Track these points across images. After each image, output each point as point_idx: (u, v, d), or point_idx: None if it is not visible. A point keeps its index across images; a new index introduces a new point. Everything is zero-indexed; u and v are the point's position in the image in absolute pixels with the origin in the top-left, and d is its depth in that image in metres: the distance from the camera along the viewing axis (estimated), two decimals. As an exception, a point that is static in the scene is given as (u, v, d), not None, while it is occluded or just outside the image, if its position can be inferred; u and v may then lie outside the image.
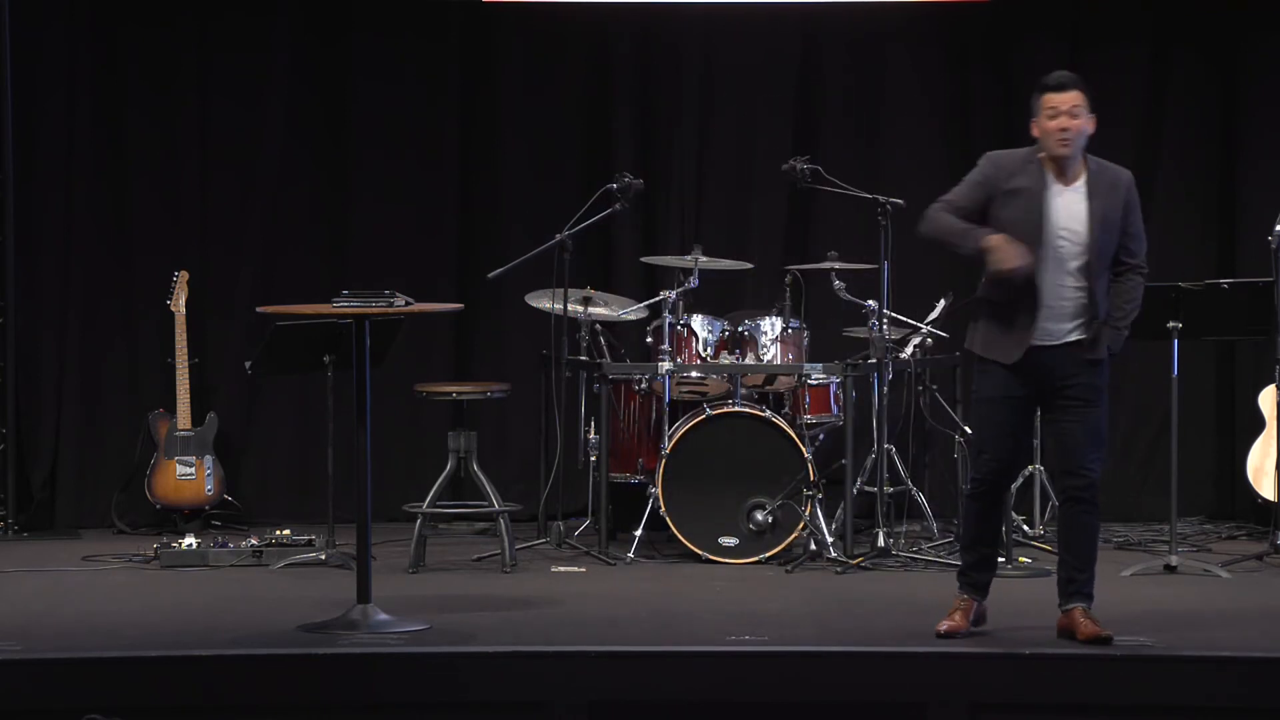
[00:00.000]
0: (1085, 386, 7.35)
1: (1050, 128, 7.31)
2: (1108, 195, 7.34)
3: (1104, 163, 7.44)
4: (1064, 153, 7.30)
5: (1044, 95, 7.33)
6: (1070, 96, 7.31)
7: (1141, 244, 7.40)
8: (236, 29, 10.87)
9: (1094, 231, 7.28)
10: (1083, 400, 7.36)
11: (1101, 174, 7.38)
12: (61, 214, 10.78)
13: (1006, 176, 7.39)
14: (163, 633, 7.69)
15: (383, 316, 7.77)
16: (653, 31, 11.02)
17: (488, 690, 7.12)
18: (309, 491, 10.47)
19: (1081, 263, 7.29)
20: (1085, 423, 7.37)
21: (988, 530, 7.65)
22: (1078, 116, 7.31)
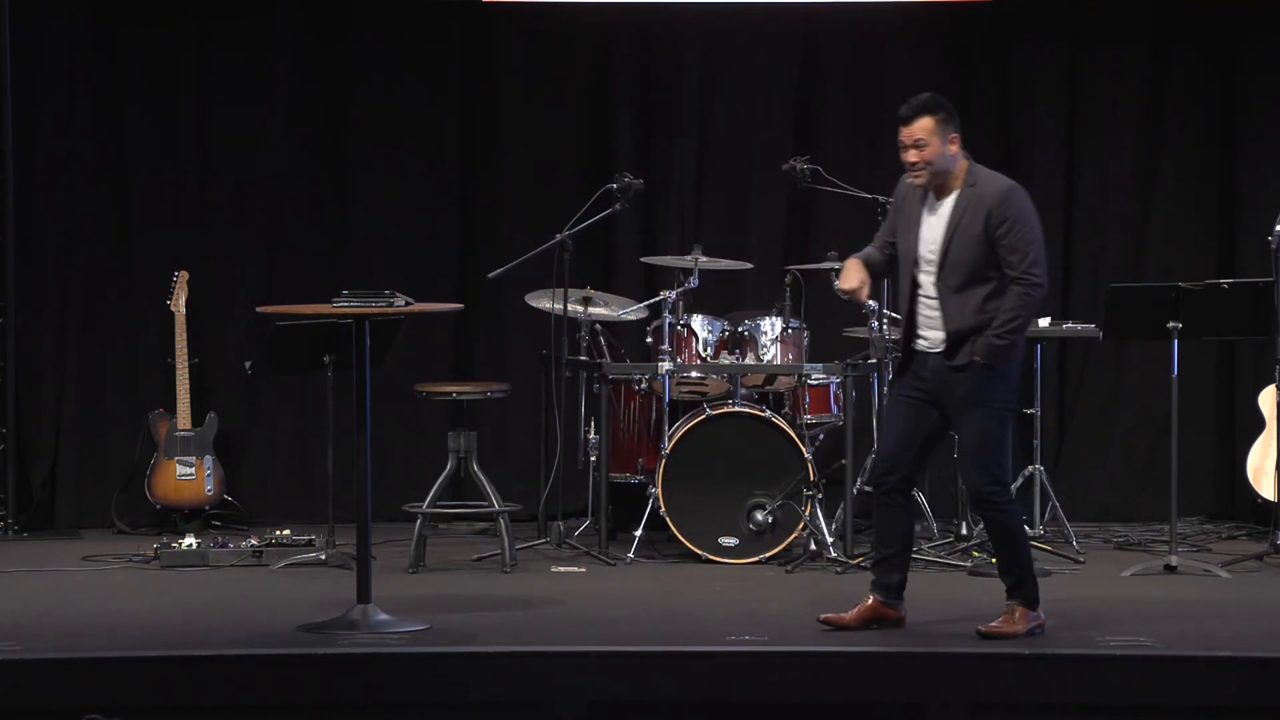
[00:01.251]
0: (959, 398, 7.48)
1: (902, 158, 7.53)
2: (972, 211, 7.44)
3: (987, 177, 7.54)
4: (919, 182, 7.51)
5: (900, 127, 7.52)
6: (913, 129, 7.50)
7: (1021, 256, 7.39)
8: (236, 29, 10.87)
9: (945, 248, 7.43)
10: (955, 408, 7.51)
11: (976, 190, 7.48)
12: (61, 214, 10.78)
13: (904, 200, 7.63)
14: (163, 633, 7.69)
15: (383, 316, 7.77)
16: (653, 31, 11.02)
17: (488, 690, 7.12)
18: (309, 491, 10.47)
19: (944, 278, 7.46)
20: (960, 432, 7.58)
21: (884, 531, 7.71)
22: (923, 148, 7.46)
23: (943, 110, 7.54)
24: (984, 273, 7.43)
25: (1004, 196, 7.45)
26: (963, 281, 7.44)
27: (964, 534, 9.72)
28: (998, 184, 7.50)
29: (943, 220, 7.48)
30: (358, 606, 7.66)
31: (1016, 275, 7.40)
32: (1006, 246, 7.41)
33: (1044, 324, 10.06)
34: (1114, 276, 10.56)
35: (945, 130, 7.49)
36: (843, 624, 7.60)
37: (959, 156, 7.53)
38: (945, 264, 7.45)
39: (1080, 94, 10.99)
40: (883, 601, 7.65)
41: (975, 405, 7.46)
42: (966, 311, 7.43)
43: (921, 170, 7.47)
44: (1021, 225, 7.43)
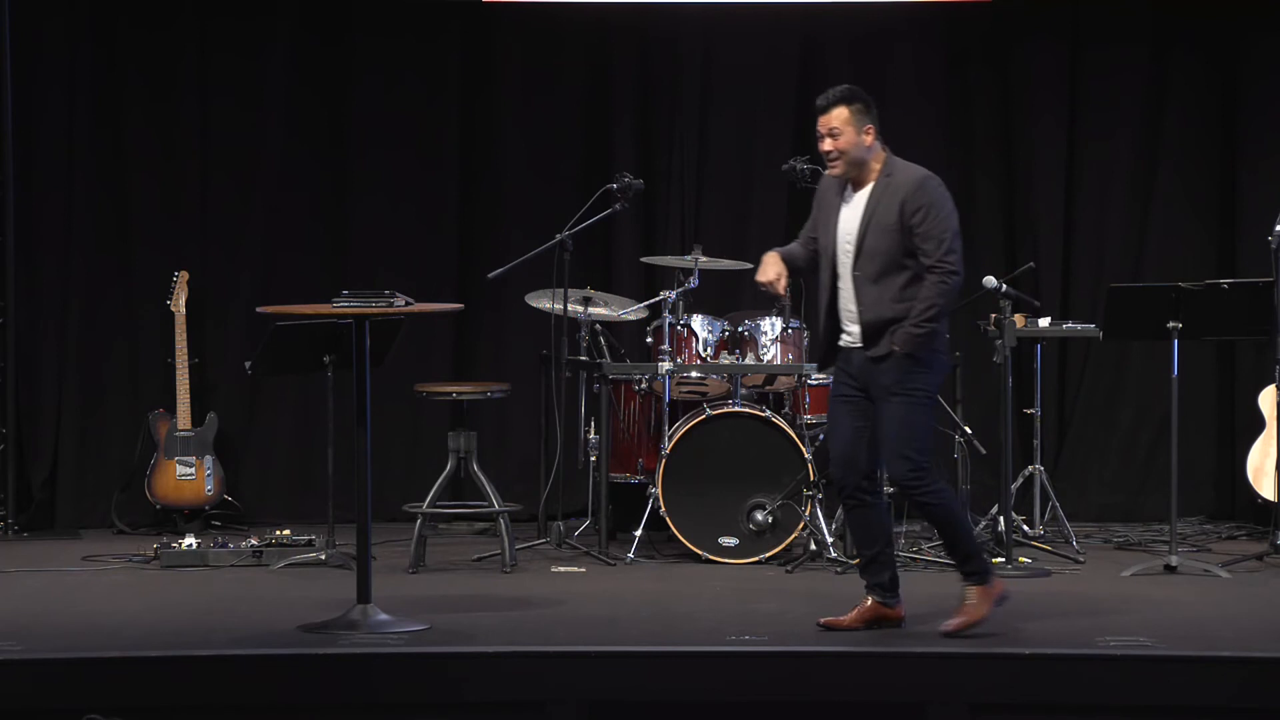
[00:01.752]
0: (881, 386, 7.51)
1: (819, 148, 7.59)
2: (887, 201, 7.48)
3: (902, 167, 7.58)
4: (834, 172, 7.57)
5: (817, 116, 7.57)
6: (830, 117, 7.57)
7: (936, 244, 7.43)
8: (236, 29, 10.88)
9: (861, 238, 7.48)
10: (878, 399, 7.54)
11: (891, 179, 7.52)
12: (61, 214, 10.78)
13: (823, 194, 7.68)
14: (163, 633, 7.69)
15: (383, 316, 7.77)
16: (652, 31, 11.02)
17: (487, 690, 7.12)
18: (309, 491, 10.47)
19: (861, 268, 7.49)
20: (882, 421, 7.55)
21: (859, 533, 7.76)
22: (838, 136, 7.53)
23: (859, 101, 7.58)
24: (900, 261, 7.45)
25: (918, 185, 7.48)
26: (879, 271, 7.46)
27: (964, 534, 9.71)
28: (912, 173, 7.54)
29: (858, 210, 7.53)
30: (358, 606, 7.66)
31: (932, 264, 7.42)
32: (921, 235, 7.43)
33: (1044, 324, 10.07)
34: (1114, 276, 10.57)
35: (861, 121, 7.53)
36: (842, 626, 7.61)
37: (875, 147, 7.56)
38: (861, 253, 7.48)
39: (1080, 94, 10.99)
40: (880, 601, 7.66)
41: (896, 395, 7.47)
42: (884, 301, 7.45)
43: (837, 160, 7.53)
44: (936, 213, 7.45)
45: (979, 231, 11.05)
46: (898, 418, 7.50)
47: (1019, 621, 7.91)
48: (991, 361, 9.36)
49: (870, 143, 7.55)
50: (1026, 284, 10.20)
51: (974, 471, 9.96)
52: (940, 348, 7.57)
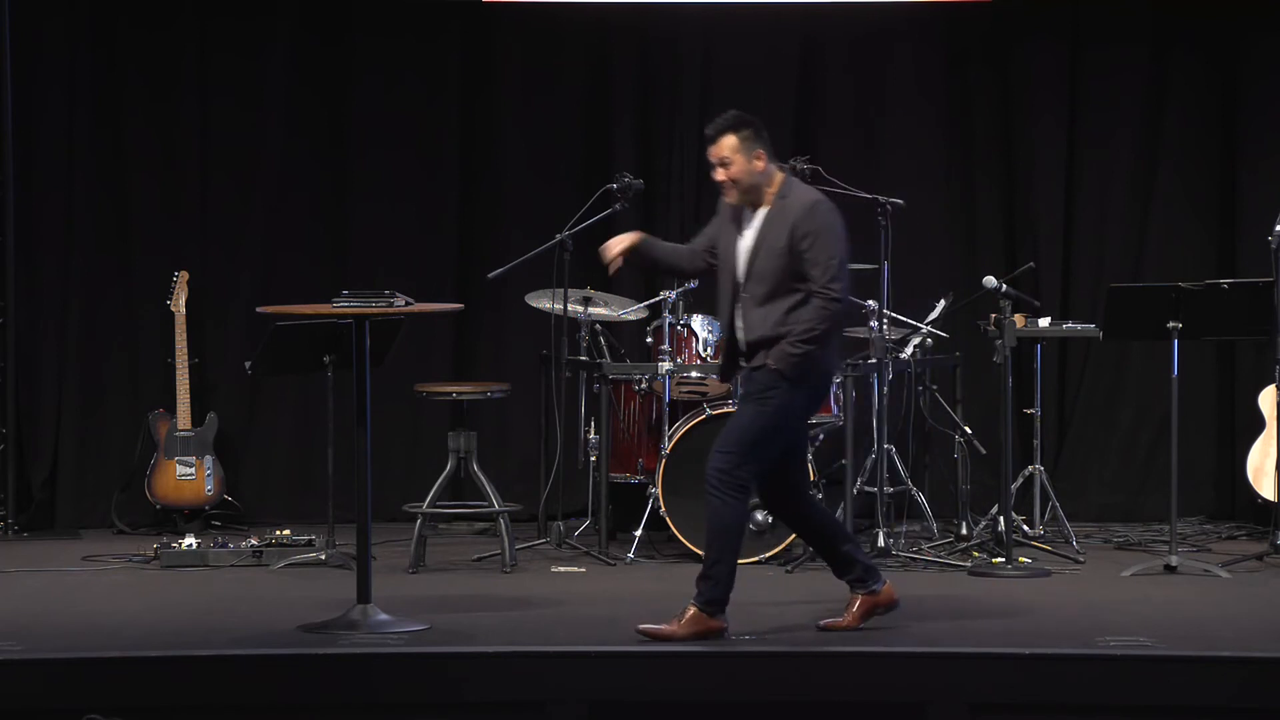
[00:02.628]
0: (745, 393, 7.60)
1: (713, 177, 7.58)
2: (778, 224, 7.48)
3: (798, 190, 7.58)
4: (730, 200, 7.56)
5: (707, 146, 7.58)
6: (719, 147, 7.54)
7: (820, 269, 7.41)
8: (236, 29, 10.87)
9: (751, 260, 7.50)
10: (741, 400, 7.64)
11: (785, 203, 7.51)
12: (61, 214, 10.78)
13: (724, 209, 7.66)
14: (163, 633, 7.69)
15: (383, 316, 7.77)
16: (653, 31, 11.02)
17: (487, 690, 7.12)
18: (309, 491, 10.47)
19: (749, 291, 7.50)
20: (733, 418, 7.67)
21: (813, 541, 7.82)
22: (729, 165, 7.51)
23: (746, 127, 7.55)
24: (789, 284, 7.44)
25: (808, 210, 7.48)
26: (767, 293, 7.46)
27: (964, 534, 9.72)
28: (805, 197, 7.54)
29: (753, 232, 7.53)
30: (358, 606, 7.66)
31: (817, 289, 7.41)
32: (809, 260, 7.42)
33: (1044, 324, 10.08)
34: (1114, 276, 10.56)
35: (749, 147, 7.51)
36: (842, 627, 7.62)
37: (769, 171, 7.55)
38: (751, 275, 7.49)
39: (1080, 94, 10.99)
40: (865, 593, 7.67)
41: (752, 403, 7.47)
42: (768, 323, 7.45)
43: (731, 188, 7.54)
44: (823, 239, 7.43)
45: (979, 231, 11.06)
46: (738, 421, 7.53)
47: (1019, 622, 7.92)
48: (991, 361, 9.35)
49: (762, 168, 7.52)
50: (1026, 284, 10.20)
51: (974, 471, 9.97)
52: (816, 375, 7.50)
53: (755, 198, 7.54)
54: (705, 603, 7.43)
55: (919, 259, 10.59)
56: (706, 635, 7.38)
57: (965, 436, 9.89)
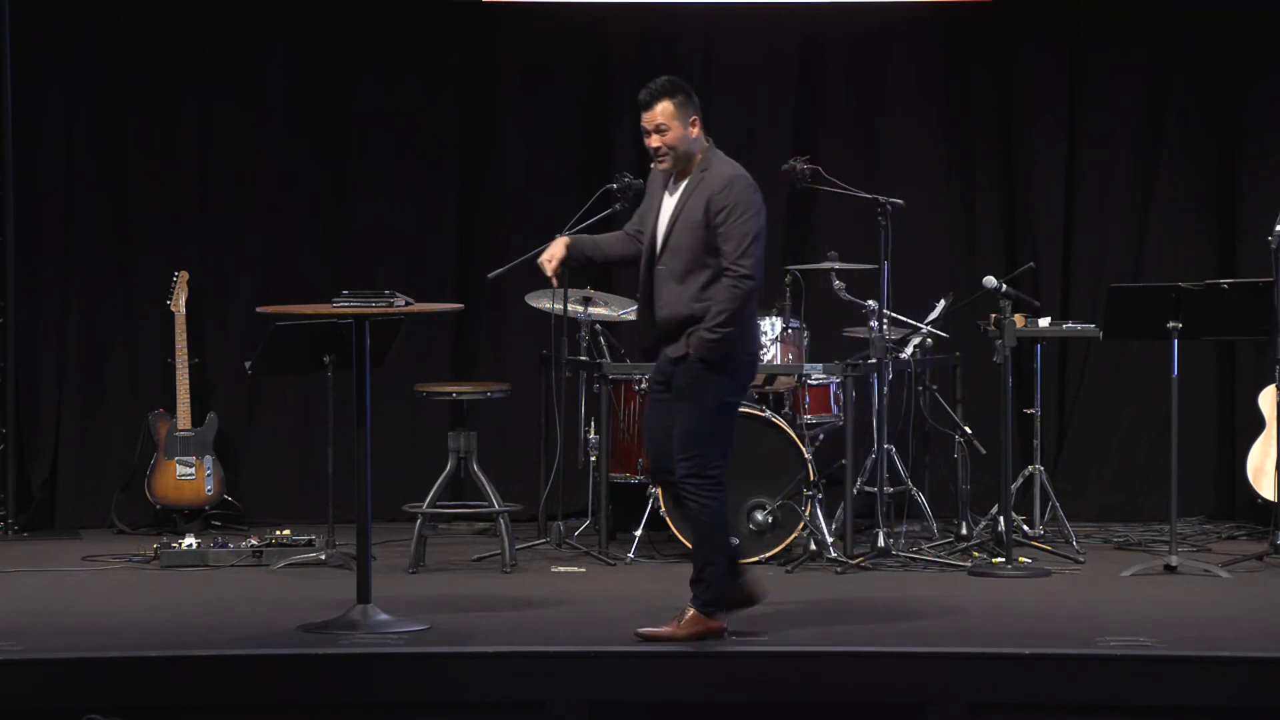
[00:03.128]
0: (677, 388, 7.40)
1: (646, 144, 7.46)
2: (697, 196, 7.37)
3: (719, 162, 7.46)
4: (663, 167, 7.43)
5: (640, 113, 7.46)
6: (654, 113, 7.42)
7: (733, 245, 7.29)
8: (236, 29, 10.87)
9: (669, 234, 7.38)
10: (676, 398, 7.40)
11: (705, 175, 7.40)
12: (61, 214, 10.78)
13: (649, 183, 7.58)
14: (163, 633, 7.69)
15: (383, 316, 7.77)
16: (652, 31, 11.02)
17: (487, 690, 7.12)
18: (309, 491, 10.47)
19: (668, 266, 7.37)
20: (679, 423, 7.40)
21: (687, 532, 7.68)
22: (665, 131, 7.39)
23: (681, 92, 7.45)
24: (704, 259, 7.31)
25: (727, 183, 7.35)
26: (684, 268, 7.33)
27: (964, 534, 9.72)
28: (724, 170, 7.41)
29: (670, 208, 7.42)
30: (358, 606, 7.66)
31: (727, 265, 7.29)
32: (723, 234, 7.30)
33: (1044, 324, 10.08)
34: (1114, 276, 10.57)
35: (685, 113, 7.42)
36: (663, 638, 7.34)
37: (700, 139, 7.45)
38: (667, 248, 7.36)
39: (1080, 94, 10.99)
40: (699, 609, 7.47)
41: (688, 400, 7.36)
42: (683, 299, 7.32)
43: (666, 155, 7.40)
44: (739, 214, 7.30)
45: (979, 231, 11.07)
46: (684, 422, 7.38)
47: (1019, 622, 7.92)
48: (991, 361, 9.35)
49: (696, 134, 7.42)
50: (1026, 284, 10.20)
51: (974, 471, 9.97)
52: (740, 352, 7.41)
53: (686, 166, 7.41)
54: (703, 604, 7.41)
55: (919, 259, 10.59)
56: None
57: (965, 436, 9.89)
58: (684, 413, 7.37)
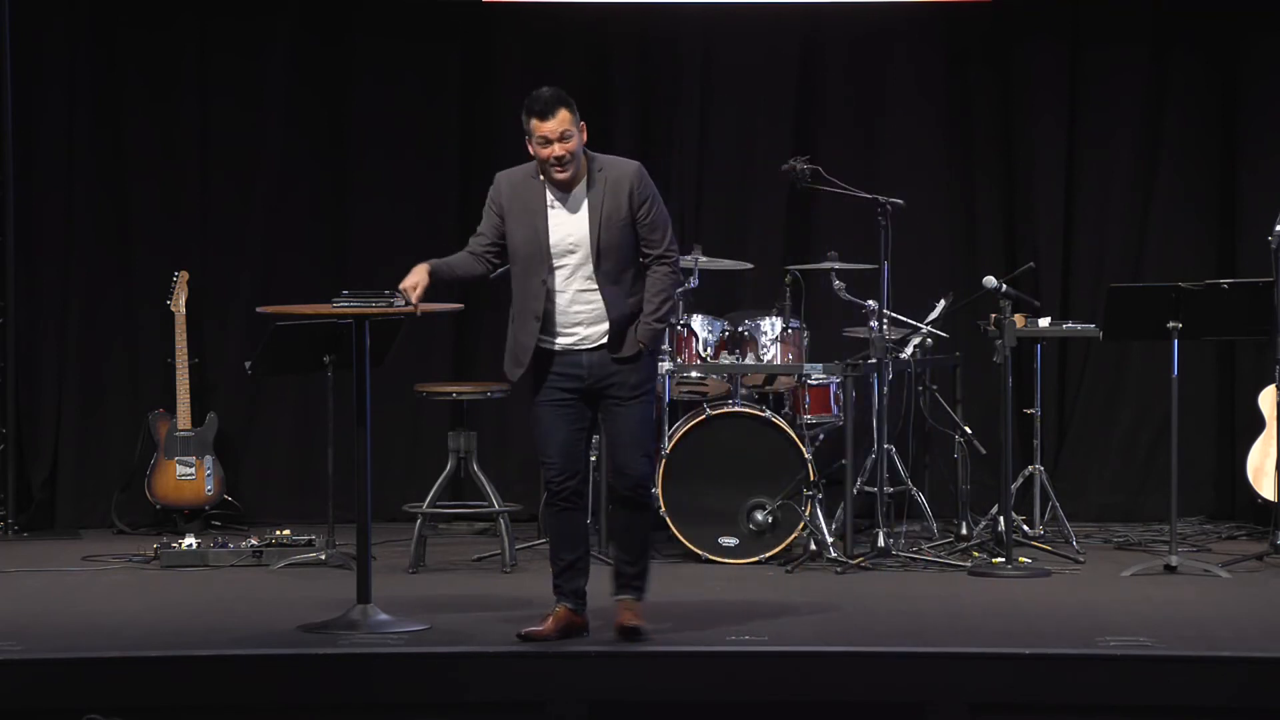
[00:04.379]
0: (622, 385, 7.36)
1: (544, 154, 7.34)
2: (612, 195, 7.34)
3: (610, 160, 7.45)
4: (562, 179, 7.33)
5: (530, 120, 7.36)
6: (556, 123, 7.31)
7: (661, 232, 7.35)
8: (236, 29, 10.87)
9: (595, 236, 7.31)
10: (621, 399, 7.37)
11: (605, 174, 7.37)
12: (61, 214, 10.78)
13: (510, 197, 7.44)
14: (163, 633, 7.69)
15: (383, 317, 7.77)
16: (652, 31, 11.02)
17: (487, 690, 7.12)
18: (309, 491, 10.47)
19: (591, 268, 7.32)
20: (627, 422, 7.39)
21: (567, 536, 7.56)
22: (569, 139, 7.32)
23: (571, 100, 7.40)
24: (631, 256, 7.34)
25: (640, 176, 7.37)
26: (619, 268, 7.32)
27: (964, 534, 9.72)
28: (627, 164, 7.42)
29: (582, 209, 7.34)
30: (358, 606, 7.66)
31: (661, 253, 7.33)
32: (649, 225, 7.33)
33: (1044, 324, 10.08)
34: (1114, 276, 10.56)
35: (578, 120, 7.38)
36: (541, 636, 7.38)
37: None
38: (600, 253, 7.30)
39: (1080, 94, 10.99)
40: (571, 609, 7.49)
41: (639, 395, 7.38)
42: (623, 299, 7.32)
43: (569, 164, 7.32)
44: (657, 202, 7.38)
45: (979, 231, 11.06)
46: (641, 417, 7.41)
47: (1019, 622, 7.91)
48: (991, 361, 9.36)
49: (585, 140, 7.41)
50: (1026, 284, 10.20)
51: (974, 471, 9.97)
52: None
53: (578, 173, 7.37)
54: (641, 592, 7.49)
55: (919, 259, 10.59)
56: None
57: (965, 436, 9.89)
58: (639, 409, 7.38)
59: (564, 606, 7.49)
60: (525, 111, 7.39)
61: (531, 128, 7.35)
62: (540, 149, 7.35)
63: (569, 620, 7.46)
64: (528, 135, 7.40)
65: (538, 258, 7.35)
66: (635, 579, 7.52)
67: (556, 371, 7.40)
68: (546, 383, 7.43)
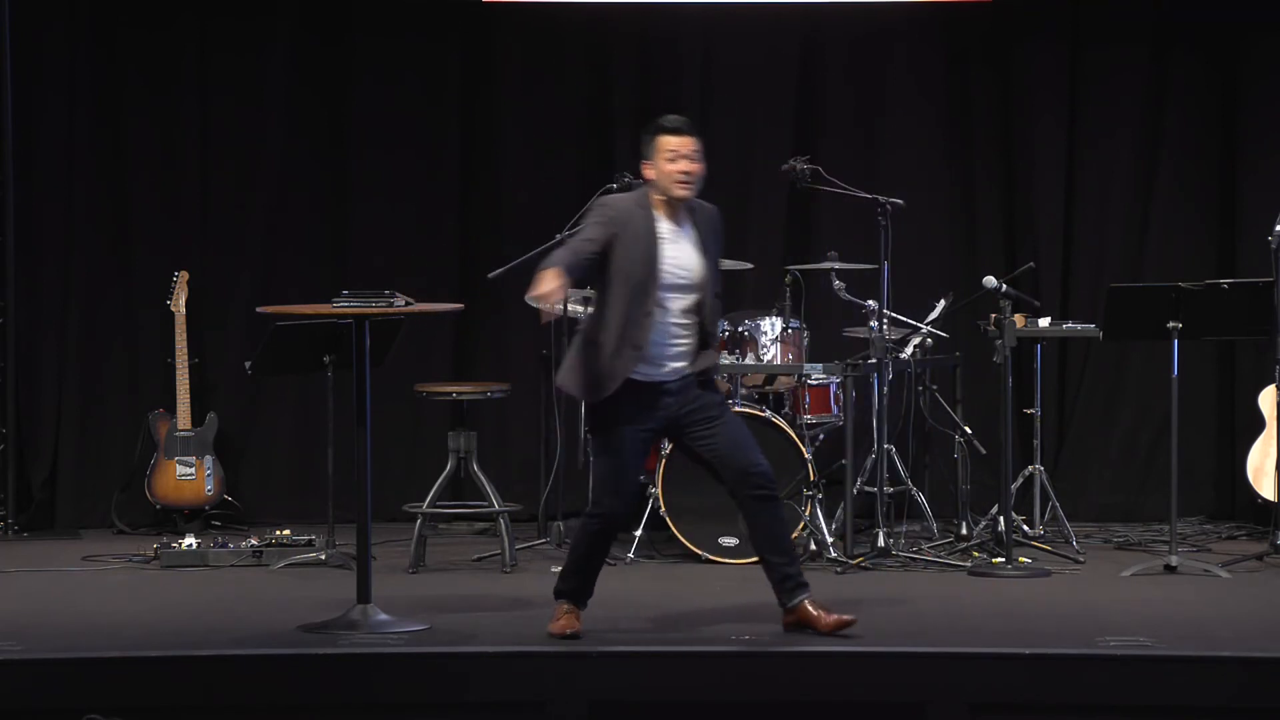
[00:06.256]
0: (710, 404, 7.49)
1: (670, 169, 7.40)
2: (712, 234, 7.51)
3: (697, 201, 7.53)
4: (684, 194, 7.41)
5: (660, 137, 7.43)
6: (689, 141, 7.42)
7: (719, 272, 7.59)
8: (236, 29, 10.88)
9: (703, 271, 7.43)
10: (714, 417, 7.48)
11: (701, 212, 7.51)
12: (61, 214, 10.79)
13: (624, 221, 7.43)
14: (163, 633, 7.69)
15: (383, 317, 7.77)
16: (652, 31, 11.02)
17: (488, 690, 7.12)
18: (309, 491, 10.47)
19: (694, 300, 7.41)
20: (734, 429, 7.52)
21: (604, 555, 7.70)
22: (696, 161, 7.42)
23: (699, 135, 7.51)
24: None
25: (719, 216, 7.60)
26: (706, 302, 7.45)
27: (964, 534, 9.72)
28: (711, 207, 7.59)
29: (691, 244, 7.44)
30: (358, 606, 7.66)
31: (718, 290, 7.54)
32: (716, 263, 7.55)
33: (1044, 324, 10.08)
34: (1114, 276, 10.57)
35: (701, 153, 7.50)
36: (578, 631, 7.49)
37: None
38: (703, 287, 7.41)
39: (1080, 94, 10.99)
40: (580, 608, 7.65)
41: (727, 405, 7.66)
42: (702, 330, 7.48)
43: (695, 182, 7.43)
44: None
45: (979, 231, 11.06)
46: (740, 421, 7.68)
47: (1019, 621, 7.92)
48: (991, 361, 9.36)
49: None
50: (1026, 284, 10.20)
51: (974, 471, 9.97)
52: None
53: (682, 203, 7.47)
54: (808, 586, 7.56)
55: (919, 259, 10.59)
56: None
57: (965, 436, 9.89)
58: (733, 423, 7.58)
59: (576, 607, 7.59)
60: (653, 130, 7.48)
61: (660, 143, 7.43)
62: (668, 164, 7.42)
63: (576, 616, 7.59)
64: (650, 154, 7.46)
65: (647, 286, 7.36)
66: (800, 575, 7.58)
67: (643, 405, 7.41)
68: (627, 416, 7.42)
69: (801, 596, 7.52)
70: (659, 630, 7.83)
